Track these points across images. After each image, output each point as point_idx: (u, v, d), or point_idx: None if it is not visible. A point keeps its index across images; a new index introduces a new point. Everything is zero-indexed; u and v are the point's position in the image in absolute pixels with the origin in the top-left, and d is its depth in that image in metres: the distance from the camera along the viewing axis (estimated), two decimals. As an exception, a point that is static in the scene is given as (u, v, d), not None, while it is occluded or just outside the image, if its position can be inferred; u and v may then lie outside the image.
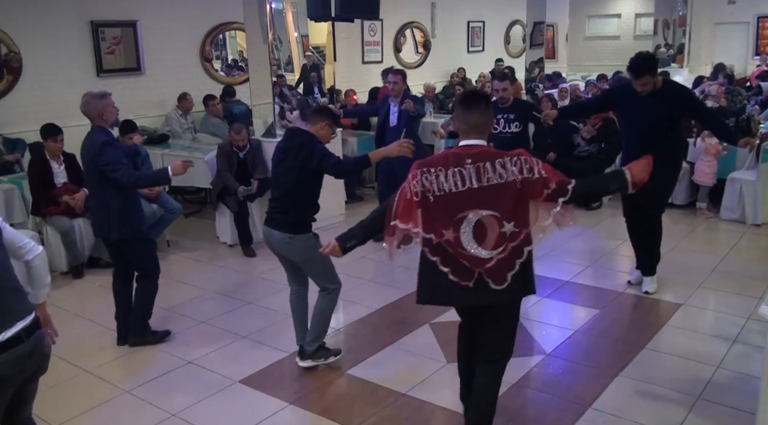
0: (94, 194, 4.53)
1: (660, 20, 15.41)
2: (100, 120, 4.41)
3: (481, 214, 2.90)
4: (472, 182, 2.91)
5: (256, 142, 6.95)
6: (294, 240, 4.00)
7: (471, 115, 3.03)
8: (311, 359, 4.23)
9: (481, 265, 2.93)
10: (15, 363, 2.48)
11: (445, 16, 13.77)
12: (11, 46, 7.62)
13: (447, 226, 2.94)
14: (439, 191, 2.94)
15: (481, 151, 2.97)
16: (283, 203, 4.01)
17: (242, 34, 9.69)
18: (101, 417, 3.84)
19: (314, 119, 4.09)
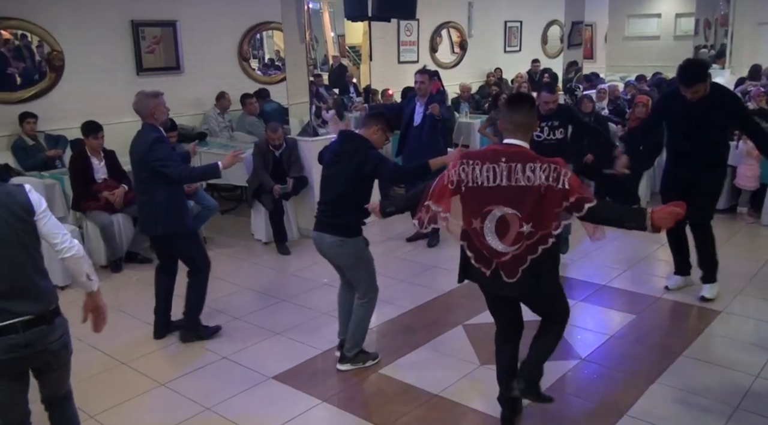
0: (143, 190, 4.57)
1: (701, 20, 15.10)
2: (152, 118, 4.48)
3: (505, 211, 3.06)
4: (503, 179, 3.06)
5: (292, 141, 6.99)
6: (345, 244, 4.01)
7: (515, 115, 3.16)
8: (350, 363, 4.26)
9: (498, 257, 3.12)
10: (8, 349, 2.65)
11: (482, 15, 13.69)
12: (54, 45, 7.79)
13: (475, 216, 3.13)
14: (473, 183, 3.12)
15: (518, 151, 3.10)
16: (335, 206, 4.00)
17: (279, 33, 9.78)
18: (137, 409, 3.91)
19: (368, 124, 4.11)
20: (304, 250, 6.73)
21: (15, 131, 7.35)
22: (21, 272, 2.75)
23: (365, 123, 4.13)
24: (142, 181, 4.53)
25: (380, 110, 4.28)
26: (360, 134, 4.09)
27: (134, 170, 4.64)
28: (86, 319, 3.10)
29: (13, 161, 7.05)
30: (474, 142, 10.10)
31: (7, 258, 2.70)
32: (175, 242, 4.62)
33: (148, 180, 4.46)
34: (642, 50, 16.76)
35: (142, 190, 4.58)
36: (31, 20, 7.59)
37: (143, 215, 4.66)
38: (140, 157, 4.45)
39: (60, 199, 6.45)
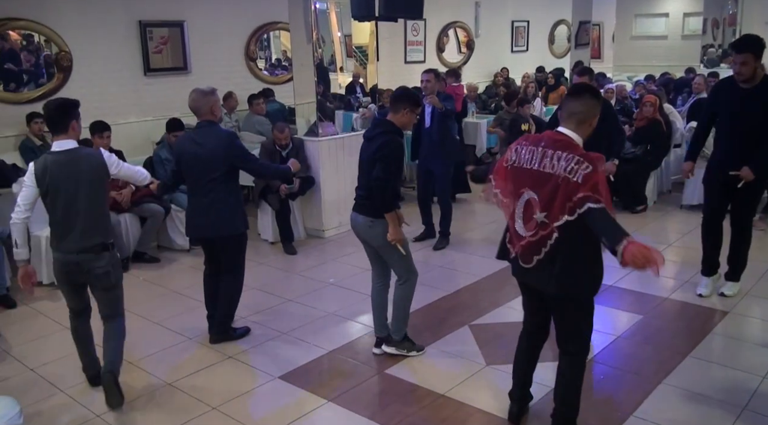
0: (204, 193, 4.41)
1: (709, 19, 15.02)
2: (211, 115, 4.46)
3: (531, 195, 3.08)
4: (535, 163, 3.07)
5: (298, 140, 7.00)
6: (375, 224, 4.09)
7: (571, 102, 3.15)
8: (396, 347, 4.38)
9: (519, 241, 3.15)
10: (64, 262, 3.83)
11: (489, 15, 13.68)
12: (62, 46, 7.83)
13: (513, 196, 3.18)
14: (516, 163, 3.16)
15: (560, 140, 3.06)
16: (367, 189, 4.11)
17: (286, 33, 9.80)
18: (144, 408, 3.92)
19: (395, 108, 4.14)
20: (310, 250, 6.74)
21: (23, 131, 7.39)
22: (92, 214, 3.79)
23: (392, 107, 4.16)
24: (211, 181, 4.38)
25: (403, 90, 4.24)
26: (388, 119, 4.15)
27: (197, 170, 4.40)
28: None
29: (20, 161, 7.08)
30: (481, 142, 10.09)
31: (87, 204, 3.76)
32: (234, 243, 4.58)
33: (218, 180, 4.37)
34: (650, 50, 16.70)
35: (205, 193, 4.41)
36: (39, 21, 7.62)
37: (210, 216, 4.43)
38: (215, 154, 4.33)
39: (68, 199, 6.46)
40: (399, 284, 4.30)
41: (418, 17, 8.18)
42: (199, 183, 4.43)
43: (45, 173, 3.71)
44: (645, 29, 17.21)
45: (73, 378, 4.24)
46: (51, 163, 3.72)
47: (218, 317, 4.72)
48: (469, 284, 5.73)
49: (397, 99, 4.17)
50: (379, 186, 3.99)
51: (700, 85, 9.18)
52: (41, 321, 5.20)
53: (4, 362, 4.53)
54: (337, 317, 5.07)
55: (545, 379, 4.06)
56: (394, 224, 4.06)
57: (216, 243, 4.59)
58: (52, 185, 3.72)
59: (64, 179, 3.72)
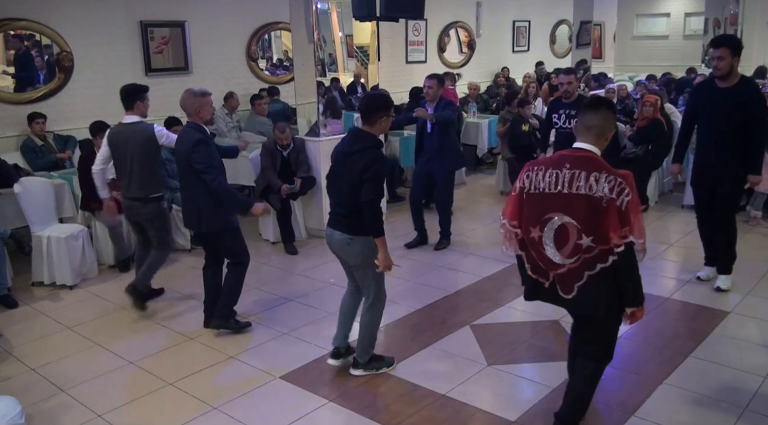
0: (185, 186, 4.65)
1: (710, 19, 14.99)
2: (197, 117, 4.56)
3: (564, 219, 2.96)
4: (564, 186, 2.95)
5: (299, 141, 7.00)
6: (354, 242, 3.89)
7: (587, 116, 3.05)
8: (363, 369, 4.19)
9: (554, 269, 3.03)
10: (124, 205, 5.26)
11: (490, 15, 13.68)
12: (63, 46, 7.84)
13: (534, 224, 3.05)
14: (534, 189, 3.04)
15: (584, 157, 2.98)
16: (345, 207, 3.88)
17: (287, 33, 9.82)
18: (145, 408, 3.92)
19: (372, 119, 3.85)
20: (311, 250, 6.74)
21: (24, 131, 7.40)
22: (141, 173, 5.02)
23: (368, 119, 3.86)
24: (185, 178, 4.59)
25: (375, 99, 3.95)
26: (366, 132, 3.88)
27: (178, 166, 4.74)
28: None
29: (22, 161, 7.09)
30: (482, 142, 10.08)
31: (137, 165, 5.00)
32: (218, 238, 4.68)
33: (189, 178, 4.53)
34: (651, 50, 16.70)
35: (184, 186, 4.65)
36: (41, 21, 7.64)
37: (186, 211, 4.74)
38: (183, 156, 4.50)
39: (69, 199, 6.48)
40: (366, 308, 4.10)
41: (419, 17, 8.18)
42: (181, 179, 4.71)
43: (112, 139, 5.11)
44: (646, 29, 17.21)
45: (74, 377, 4.25)
46: (116, 132, 5.11)
47: (218, 305, 4.79)
48: (470, 284, 5.72)
49: (373, 110, 3.85)
50: (371, 209, 3.75)
51: (701, 86, 9.15)
52: (42, 321, 5.21)
53: (6, 362, 4.53)
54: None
55: (546, 379, 4.07)
56: (385, 250, 3.82)
57: (200, 236, 4.86)
58: (114, 148, 5.09)
59: (122, 145, 5.04)
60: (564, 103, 6.04)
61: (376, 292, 4.06)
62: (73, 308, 5.47)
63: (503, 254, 6.41)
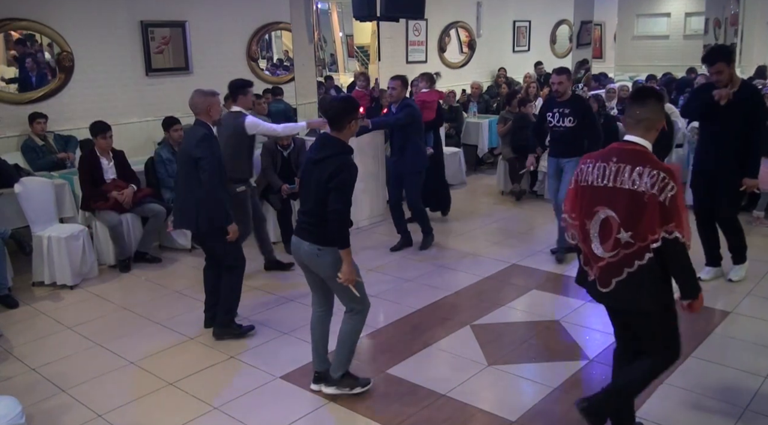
0: (182, 184, 4.65)
1: (711, 19, 14.99)
2: (206, 116, 4.60)
3: (608, 213, 2.97)
4: (609, 180, 2.96)
5: (300, 141, 7.00)
6: (324, 253, 3.66)
7: (637, 108, 3.00)
8: (336, 386, 3.94)
9: (596, 262, 3.04)
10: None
11: (490, 15, 13.67)
12: (64, 46, 7.84)
13: (585, 216, 3.07)
14: (584, 181, 3.06)
15: (631, 150, 2.96)
16: (314, 215, 3.66)
17: (288, 34, 9.81)
18: (145, 408, 3.92)
19: (340, 124, 3.66)
20: (312, 250, 6.73)
21: (25, 131, 7.40)
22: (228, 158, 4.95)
23: (336, 124, 3.66)
24: (185, 175, 4.59)
25: (341, 102, 3.75)
26: (335, 137, 3.67)
27: (178, 164, 4.77)
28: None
29: (22, 161, 7.09)
30: (483, 142, 10.08)
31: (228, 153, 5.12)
32: (212, 237, 4.65)
33: (189, 174, 4.53)
34: (651, 50, 16.70)
35: (184, 184, 4.64)
36: (41, 21, 7.64)
37: (182, 210, 4.71)
38: (186, 151, 4.55)
39: (69, 199, 6.48)
40: (349, 316, 3.85)
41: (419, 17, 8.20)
42: (180, 177, 4.71)
43: (218, 127, 5.41)
44: (647, 29, 17.21)
45: (74, 377, 4.25)
46: (220, 120, 5.27)
47: (218, 314, 4.78)
48: (470, 284, 5.72)
49: (340, 114, 3.64)
50: (337, 219, 3.54)
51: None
52: (43, 321, 5.21)
53: (6, 362, 4.53)
54: (337, 318, 5.05)
55: (546, 379, 4.07)
56: (349, 263, 3.61)
57: (197, 236, 4.89)
58: (218, 134, 5.25)
59: (221, 131, 5.48)
60: (557, 102, 6.06)
61: (357, 300, 3.80)
62: (74, 308, 5.47)
63: (503, 254, 6.42)
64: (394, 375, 4.19)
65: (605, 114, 8.25)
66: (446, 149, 9.46)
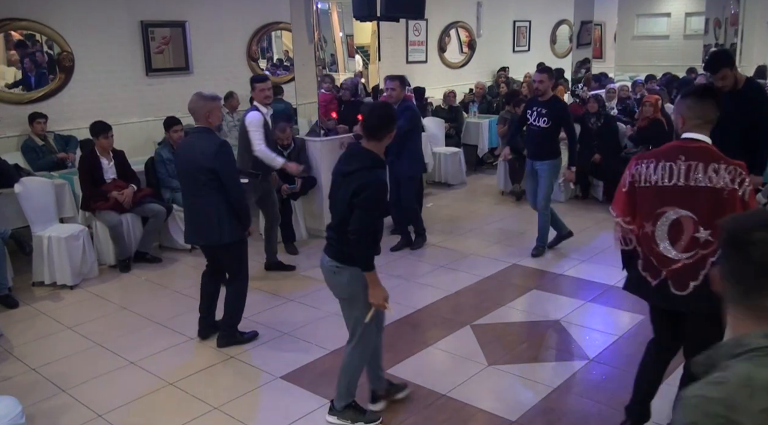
0: (197, 195, 4.33)
1: (711, 19, 14.99)
2: (206, 121, 4.33)
3: (680, 213, 2.90)
4: (680, 179, 2.88)
5: (300, 140, 7.00)
6: (341, 271, 3.41)
7: (707, 108, 2.95)
8: (338, 417, 3.68)
9: (668, 265, 2.95)
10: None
11: (490, 15, 13.67)
12: (64, 46, 7.84)
13: (648, 219, 2.98)
14: (645, 182, 2.97)
15: (699, 148, 2.91)
16: (337, 231, 3.42)
17: (288, 33, 9.81)
18: (146, 408, 3.92)
19: (378, 135, 3.34)
20: (312, 250, 6.73)
21: (25, 132, 7.40)
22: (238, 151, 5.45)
23: (372, 134, 3.35)
24: (200, 186, 4.28)
25: (383, 112, 3.38)
26: (367, 149, 3.37)
27: (188, 173, 4.35)
28: None
29: (23, 161, 7.09)
30: (483, 142, 10.08)
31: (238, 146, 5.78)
32: (230, 250, 4.45)
33: (206, 185, 4.26)
34: (651, 50, 16.69)
35: (198, 195, 4.33)
36: (41, 21, 7.63)
37: (197, 221, 4.41)
38: (202, 159, 4.22)
39: (69, 199, 6.48)
40: (348, 349, 3.61)
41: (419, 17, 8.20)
42: (188, 188, 4.42)
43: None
44: (647, 29, 17.21)
45: (74, 377, 4.25)
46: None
47: (222, 324, 4.68)
48: (470, 284, 5.72)
49: (381, 124, 3.33)
50: (356, 240, 3.26)
51: (702, 86, 9.15)
52: (43, 321, 5.21)
53: (6, 362, 4.53)
54: (338, 317, 5.02)
55: (546, 379, 4.07)
56: (376, 285, 3.36)
57: (209, 248, 4.61)
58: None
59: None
60: (539, 101, 6.12)
61: (360, 334, 3.54)
62: (74, 308, 5.47)
63: (503, 254, 6.41)
64: (394, 375, 4.18)
65: (605, 114, 8.25)
66: (446, 149, 9.49)
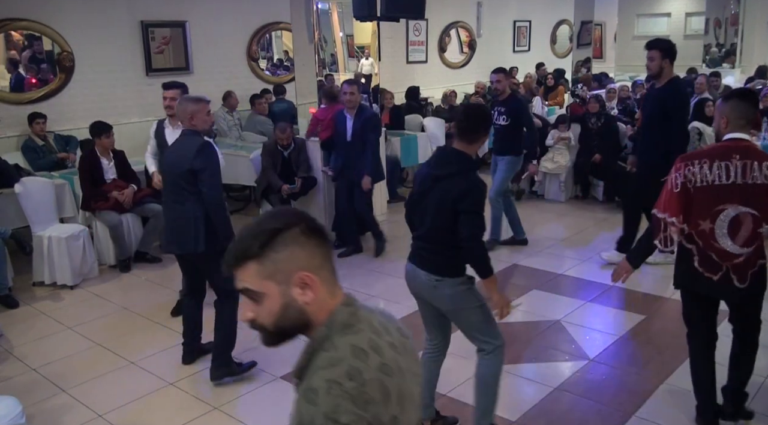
0: (175, 201, 4.07)
1: (711, 19, 15.01)
2: (189, 124, 4.06)
3: (740, 210, 3.03)
4: (737, 177, 3.03)
5: (300, 141, 7.00)
6: (443, 284, 3.22)
7: (740, 107, 3.15)
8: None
9: (730, 260, 3.08)
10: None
11: (491, 15, 13.67)
12: (64, 46, 7.83)
13: (704, 217, 3.09)
14: (702, 182, 3.08)
15: (747, 147, 3.09)
16: (431, 241, 3.23)
17: (288, 33, 9.81)
18: (146, 408, 3.92)
19: (474, 136, 3.20)
20: (312, 250, 6.73)
21: (25, 132, 7.40)
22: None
23: (467, 136, 3.19)
24: (180, 190, 4.02)
25: (479, 110, 3.31)
26: (461, 151, 3.21)
27: (169, 178, 4.15)
28: None
29: (23, 161, 7.09)
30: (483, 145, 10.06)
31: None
32: (209, 262, 4.03)
33: (185, 190, 3.99)
34: (652, 50, 16.68)
35: (176, 200, 4.06)
36: (41, 21, 7.63)
37: (175, 229, 4.09)
38: (181, 163, 3.98)
39: (70, 199, 6.47)
40: (483, 356, 3.32)
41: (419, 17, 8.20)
42: (168, 193, 4.16)
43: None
44: (647, 29, 17.20)
45: (75, 377, 4.25)
46: None
47: (214, 352, 4.21)
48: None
49: (478, 125, 3.20)
50: (472, 246, 3.14)
51: (702, 86, 9.17)
52: (43, 321, 5.21)
53: (7, 362, 4.53)
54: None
55: (546, 379, 4.07)
56: (495, 291, 3.26)
57: (186, 260, 4.23)
58: None
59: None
60: (497, 100, 6.34)
61: (489, 334, 3.32)
62: (74, 308, 5.47)
63: (503, 254, 6.40)
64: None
65: (605, 114, 8.24)
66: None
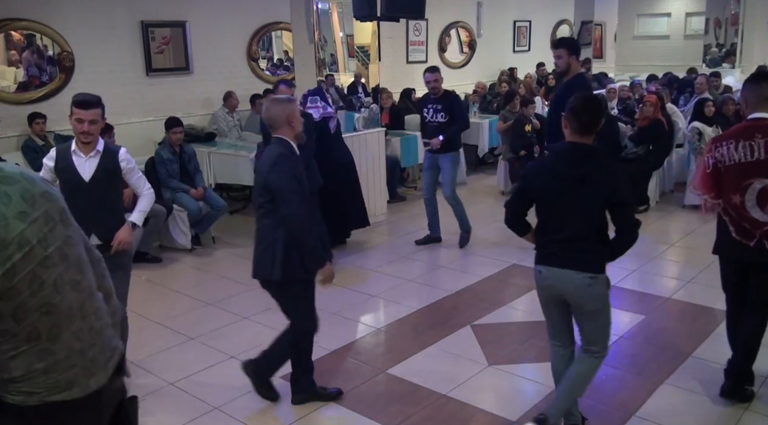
0: (258, 219, 3.65)
1: (711, 19, 15.02)
2: (288, 128, 3.54)
3: (765, 182, 3.38)
4: (761, 154, 3.36)
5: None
6: (597, 282, 3.13)
7: (762, 87, 3.44)
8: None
9: (760, 227, 3.42)
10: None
11: (491, 15, 13.68)
12: (64, 46, 7.84)
13: (735, 191, 3.45)
14: (731, 160, 3.43)
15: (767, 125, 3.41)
16: (585, 240, 3.13)
17: (288, 33, 9.81)
18: (146, 408, 3.90)
19: (596, 127, 3.14)
20: (312, 250, 6.74)
21: (25, 132, 7.40)
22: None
23: (591, 128, 3.13)
24: (259, 206, 3.61)
25: (599, 105, 3.28)
26: (588, 144, 3.14)
27: (255, 193, 3.72)
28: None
29: (23, 161, 7.09)
30: (483, 142, 10.07)
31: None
32: (283, 289, 3.67)
33: (263, 206, 3.57)
34: (652, 50, 16.69)
35: (259, 217, 3.64)
36: (42, 21, 7.64)
37: (255, 250, 3.68)
38: (261, 175, 3.56)
39: (70, 199, 6.47)
40: (590, 356, 3.28)
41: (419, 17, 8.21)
42: (257, 210, 3.70)
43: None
44: (647, 29, 17.22)
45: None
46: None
47: (297, 374, 3.92)
48: (470, 284, 5.72)
49: (600, 117, 3.17)
50: (635, 233, 3.18)
51: (702, 85, 9.18)
52: (43, 321, 5.20)
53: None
54: (339, 317, 5.07)
55: (546, 379, 4.06)
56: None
57: (264, 287, 3.79)
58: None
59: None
60: (432, 98, 6.44)
61: (608, 339, 3.31)
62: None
63: (503, 254, 6.41)
64: (394, 375, 4.19)
65: (605, 114, 8.23)
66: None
